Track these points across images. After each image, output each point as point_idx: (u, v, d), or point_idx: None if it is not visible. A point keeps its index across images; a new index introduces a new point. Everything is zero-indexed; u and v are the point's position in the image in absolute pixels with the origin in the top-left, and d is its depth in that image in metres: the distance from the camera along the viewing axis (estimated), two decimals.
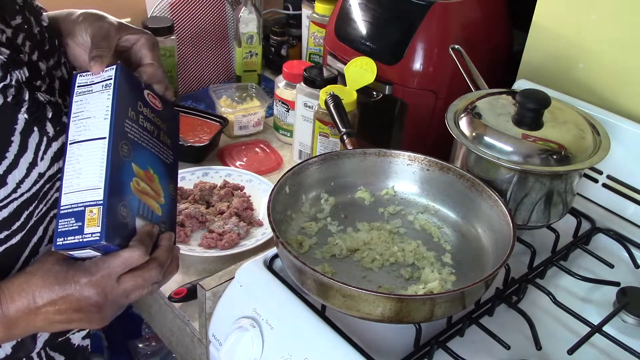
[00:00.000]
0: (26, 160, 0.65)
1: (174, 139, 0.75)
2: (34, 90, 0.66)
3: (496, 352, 0.73)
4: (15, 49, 0.67)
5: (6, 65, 0.63)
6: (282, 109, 1.27)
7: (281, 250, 0.75)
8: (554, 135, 0.83)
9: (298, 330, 0.74)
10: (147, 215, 0.68)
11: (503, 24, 1.15)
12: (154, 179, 0.70)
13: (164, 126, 0.73)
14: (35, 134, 0.65)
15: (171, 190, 0.72)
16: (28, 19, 0.70)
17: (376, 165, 0.90)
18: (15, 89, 0.63)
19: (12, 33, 0.67)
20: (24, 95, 0.64)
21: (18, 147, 0.64)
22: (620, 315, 0.80)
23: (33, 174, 0.66)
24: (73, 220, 0.63)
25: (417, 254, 0.82)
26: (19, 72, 0.65)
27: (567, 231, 0.90)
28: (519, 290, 0.82)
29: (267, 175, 1.18)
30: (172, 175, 0.74)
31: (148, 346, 1.41)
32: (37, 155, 0.65)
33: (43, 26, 0.72)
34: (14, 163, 0.63)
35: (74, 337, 0.84)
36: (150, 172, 0.69)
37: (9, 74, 0.63)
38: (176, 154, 0.75)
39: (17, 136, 0.64)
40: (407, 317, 0.68)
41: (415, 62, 1.06)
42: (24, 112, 0.64)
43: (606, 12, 0.96)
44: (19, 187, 0.65)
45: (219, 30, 1.46)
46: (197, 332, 0.91)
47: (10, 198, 0.64)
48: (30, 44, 0.69)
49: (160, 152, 0.72)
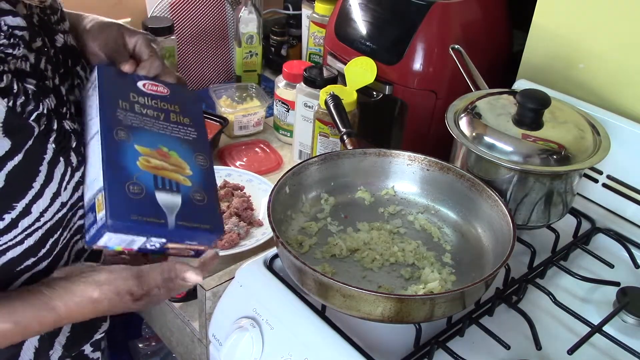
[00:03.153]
0: (51, 190, 0.64)
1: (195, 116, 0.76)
2: (60, 118, 0.66)
3: (496, 352, 0.73)
4: (41, 75, 0.66)
5: (36, 94, 0.63)
6: (282, 109, 1.27)
7: (281, 250, 0.75)
8: (554, 135, 0.83)
9: (298, 330, 0.74)
10: (172, 188, 0.69)
11: (503, 24, 1.15)
12: (171, 155, 0.71)
13: (177, 107, 0.75)
14: (61, 165, 0.65)
15: (200, 161, 0.73)
16: (45, 42, 0.69)
17: (376, 165, 0.91)
18: (46, 118, 0.63)
19: (35, 58, 0.66)
20: (53, 124, 0.64)
21: (44, 177, 0.63)
22: (620, 315, 0.80)
23: (56, 203, 0.65)
24: (90, 215, 0.66)
25: (417, 254, 0.82)
26: (48, 100, 0.65)
27: (567, 231, 0.90)
28: (519, 290, 0.82)
29: (267, 175, 1.18)
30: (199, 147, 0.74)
31: (148, 346, 1.41)
32: (61, 185, 0.65)
33: (57, 47, 0.71)
34: (39, 193, 0.63)
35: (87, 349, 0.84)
36: (164, 149, 0.71)
37: (41, 103, 0.63)
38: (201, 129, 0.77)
39: (45, 166, 0.63)
40: (407, 317, 0.68)
41: (415, 62, 1.06)
42: (52, 141, 0.64)
43: (606, 13, 0.96)
44: (42, 216, 0.65)
45: (219, 30, 1.46)
46: (197, 332, 0.91)
47: (34, 227, 0.65)
48: (51, 67, 0.68)
49: (174, 131, 0.73)
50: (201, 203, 0.71)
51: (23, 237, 0.64)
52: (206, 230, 0.69)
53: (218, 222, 0.71)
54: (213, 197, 0.72)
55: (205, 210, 0.70)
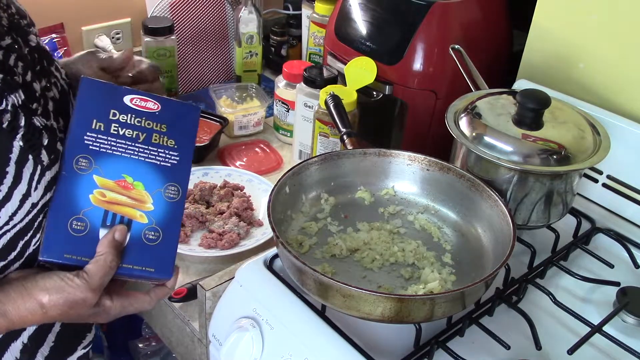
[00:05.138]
0: (20, 192, 0.62)
1: (184, 138, 0.72)
2: (30, 114, 0.64)
3: (496, 352, 0.73)
4: (9, 70, 0.64)
5: (1, 89, 0.61)
6: (282, 109, 1.27)
7: (281, 250, 0.75)
8: (554, 135, 0.83)
9: (298, 330, 0.74)
10: None
11: (503, 24, 1.15)
12: (134, 186, 0.69)
13: (162, 127, 0.72)
14: (30, 163, 0.62)
15: (170, 193, 0.71)
16: (16, 40, 0.68)
17: (376, 165, 0.90)
18: (11, 114, 0.61)
19: (3, 55, 0.65)
20: (20, 120, 0.62)
21: (12, 178, 0.61)
22: (620, 315, 0.79)
23: (26, 205, 0.63)
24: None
25: (417, 254, 0.82)
26: (15, 95, 0.63)
27: (567, 231, 0.90)
28: (519, 290, 0.82)
29: (267, 175, 1.18)
30: (175, 176, 0.71)
31: (148, 346, 1.41)
32: (30, 185, 0.63)
33: (31, 46, 0.70)
34: (7, 196, 0.61)
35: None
36: (128, 180, 0.69)
37: (4, 99, 0.61)
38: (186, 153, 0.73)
39: (12, 166, 0.61)
40: (407, 317, 0.68)
41: (415, 62, 1.06)
42: (19, 139, 0.61)
43: (606, 12, 0.96)
44: (12, 220, 0.63)
45: (219, 30, 1.46)
46: (197, 332, 0.91)
47: (2, 230, 0.63)
48: (23, 64, 0.67)
49: (149, 156, 0.70)
50: (152, 242, 0.69)
51: None
52: (150, 272, 0.68)
53: (166, 263, 0.69)
54: (171, 235, 0.70)
55: (155, 250, 0.69)
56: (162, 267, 0.69)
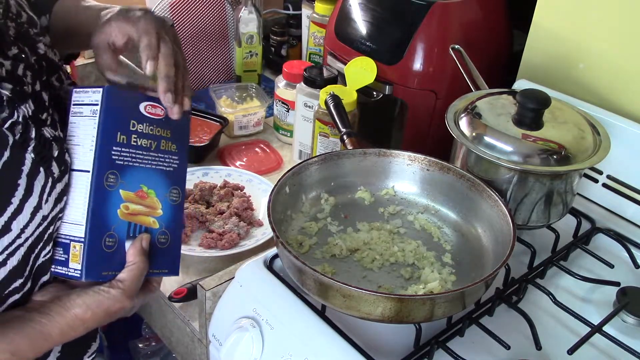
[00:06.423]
0: (31, 205, 0.61)
1: (182, 141, 0.74)
2: (40, 125, 0.63)
3: (496, 352, 0.73)
4: (18, 81, 0.63)
5: (12, 100, 0.60)
6: (282, 109, 1.27)
7: (281, 250, 0.75)
8: (554, 135, 0.83)
9: (298, 330, 0.74)
10: None
11: (503, 24, 1.15)
12: (148, 194, 0.70)
13: (167, 133, 0.72)
14: (41, 176, 0.62)
15: (173, 196, 0.73)
16: (23, 49, 0.67)
17: (376, 165, 0.90)
18: (22, 125, 0.60)
19: (12, 65, 0.63)
20: (31, 132, 0.61)
21: (24, 191, 0.60)
22: (620, 315, 0.80)
23: (37, 217, 0.62)
24: (62, 251, 0.67)
25: (417, 254, 0.82)
26: (25, 106, 0.62)
27: (567, 231, 0.90)
28: (519, 290, 0.82)
29: (267, 175, 1.18)
30: (176, 179, 0.73)
31: (148, 346, 1.41)
32: (41, 198, 0.62)
33: (39, 54, 0.69)
34: (18, 208, 0.60)
35: None
36: (144, 189, 0.70)
37: (15, 110, 0.60)
38: (183, 156, 0.75)
39: (24, 179, 0.60)
40: (407, 317, 0.68)
41: (415, 62, 1.06)
42: (30, 151, 0.60)
43: (606, 12, 0.96)
44: (23, 232, 0.62)
45: (219, 30, 1.46)
46: (197, 332, 0.91)
47: (15, 244, 0.61)
48: (31, 73, 0.66)
49: (159, 163, 0.71)
50: (164, 246, 0.73)
51: (5, 258, 0.61)
52: (164, 273, 0.74)
53: (175, 264, 0.75)
54: (176, 237, 0.74)
55: (166, 253, 0.73)
56: (173, 267, 0.74)
